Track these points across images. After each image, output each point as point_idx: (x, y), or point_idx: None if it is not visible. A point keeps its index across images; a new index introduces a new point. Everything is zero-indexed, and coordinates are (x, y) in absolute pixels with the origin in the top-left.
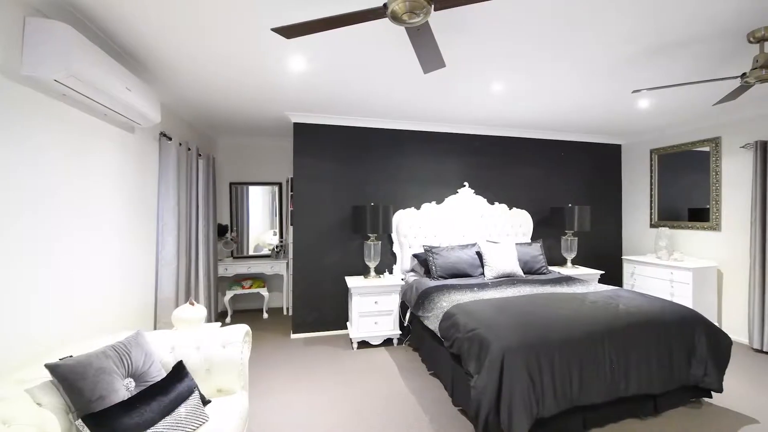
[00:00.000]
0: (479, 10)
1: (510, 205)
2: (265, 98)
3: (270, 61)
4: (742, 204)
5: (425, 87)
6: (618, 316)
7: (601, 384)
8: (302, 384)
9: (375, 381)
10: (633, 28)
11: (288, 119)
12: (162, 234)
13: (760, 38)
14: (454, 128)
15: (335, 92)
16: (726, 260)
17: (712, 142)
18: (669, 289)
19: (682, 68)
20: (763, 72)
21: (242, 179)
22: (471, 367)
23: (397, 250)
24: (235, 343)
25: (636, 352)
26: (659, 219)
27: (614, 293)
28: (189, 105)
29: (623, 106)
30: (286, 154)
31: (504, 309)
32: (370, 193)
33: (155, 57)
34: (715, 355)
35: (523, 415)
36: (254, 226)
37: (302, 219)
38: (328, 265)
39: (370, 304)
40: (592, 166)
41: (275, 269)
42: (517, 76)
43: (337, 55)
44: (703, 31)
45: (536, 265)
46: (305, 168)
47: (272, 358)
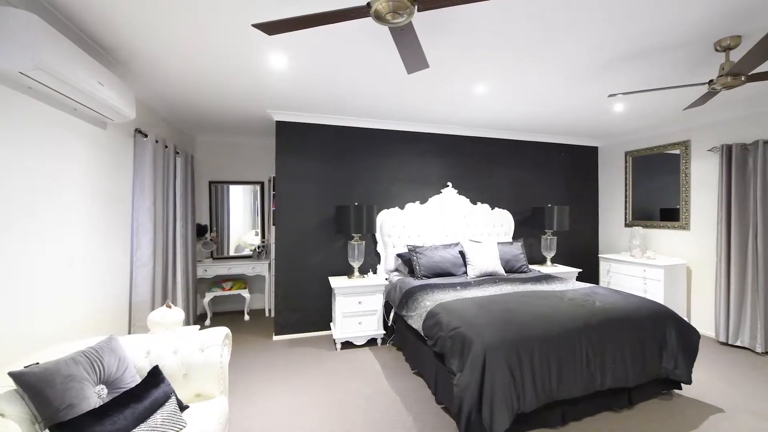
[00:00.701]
0: (461, 13)
1: (492, 205)
2: (247, 96)
3: (252, 58)
4: (710, 204)
5: (409, 87)
6: (594, 312)
7: (579, 379)
8: (284, 386)
9: (359, 381)
10: (608, 35)
11: (270, 117)
12: (137, 234)
13: (726, 47)
14: (437, 128)
15: (319, 91)
16: (694, 258)
17: (682, 145)
18: (642, 286)
19: (655, 74)
20: (728, 79)
21: (222, 178)
22: (454, 366)
23: (381, 250)
24: (214, 347)
25: (611, 347)
26: (633, 219)
27: (591, 290)
28: (166, 101)
29: (600, 110)
30: (268, 152)
31: (486, 307)
32: (354, 192)
33: (130, 51)
34: (685, 348)
35: (504, 411)
36: (235, 226)
37: (285, 219)
38: (312, 265)
39: (354, 305)
40: (570, 168)
41: (257, 270)
42: (498, 78)
43: (321, 54)
44: (673, 39)
45: (517, 264)
46: (288, 167)
47: (254, 360)
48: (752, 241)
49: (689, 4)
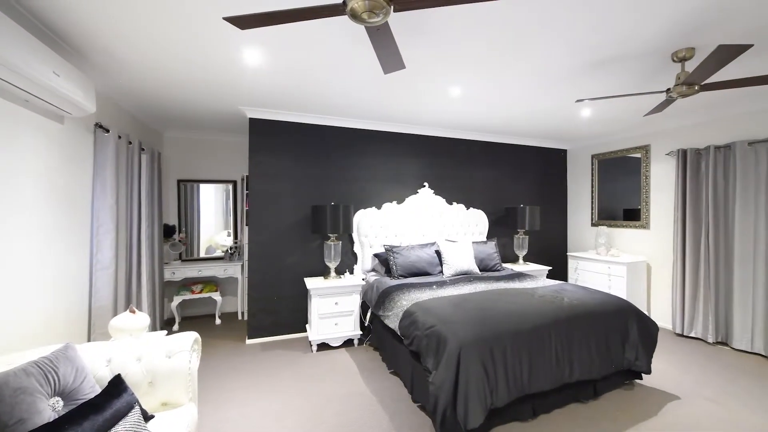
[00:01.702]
0: (437, 16)
1: (467, 205)
2: (218, 91)
3: (224, 53)
4: (667, 205)
5: (386, 87)
6: (563, 308)
7: (549, 373)
8: (258, 391)
9: (335, 383)
10: (575, 43)
11: (243, 114)
12: (97, 235)
13: (682, 58)
14: (414, 129)
15: (294, 89)
16: (654, 256)
17: (643, 150)
18: (607, 282)
19: (618, 81)
20: (683, 88)
21: (192, 176)
22: (429, 364)
23: (358, 250)
24: (182, 352)
25: (578, 341)
26: (599, 218)
27: (560, 287)
28: (131, 95)
29: (568, 114)
30: (241, 150)
31: (461, 306)
32: (331, 192)
33: (91, 41)
34: (645, 340)
35: (478, 406)
36: (206, 226)
37: (259, 219)
38: (287, 266)
39: (330, 305)
40: (541, 170)
41: (229, 272)
42: (472, 81)
43: (297, 51)
44: (635, 49)
45: (491, 263)
46: (262, 165)
47: (225, 365)
48: (704, 240)
49: (648, 16)
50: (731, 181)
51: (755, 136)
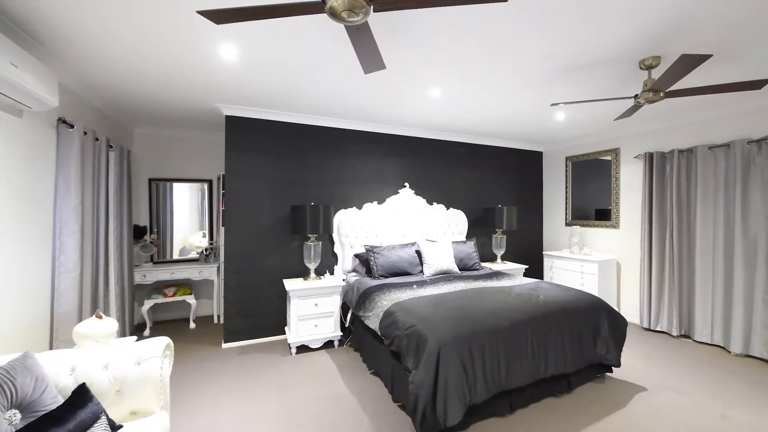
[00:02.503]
0: (418, 18)
1: (447, 205)
2: (193, 87)
3: (198, 47)
4: (636, 206)
5: (367, 87)
6: (538, 306)
7: (525, 368)
8: (234, 396)
9: (314, 385)
10: (550, 49)
11: (219, 111)
12: (60, 237)
13: (648, 66)
14: (395, 129)
15: (273, 86)
16: (623, 254)
17: (613, 152)
18: (580, 279)
19: (590, 87)
20: (650, 94)
21: (165, 175)
22: (409, 363)
23: (339, 251)
24: (152, 358)
25: (553, 337)
26: (572, 218)
27: (536, 285)
28: (98, 88)
29: (544, 118)
30: (217, 148)
31: (440, 305)
32: (311, 192)
33: (54, 32)
34: (615, 335)
35: (457, 404)
36: (180, 227)
37: (236, 219)
38: (265, 267)
39: (310, 307)
40: (518, 171)
41: (204, 274)
42: (451, 84)
43: (275, 48)
44: (606, 56)
45: (470, 262)
46: (239, 164)
47: (200, 371)
48: (669, 238)
49: (617, 26)
50: (693, 183)
51: (714, 141)
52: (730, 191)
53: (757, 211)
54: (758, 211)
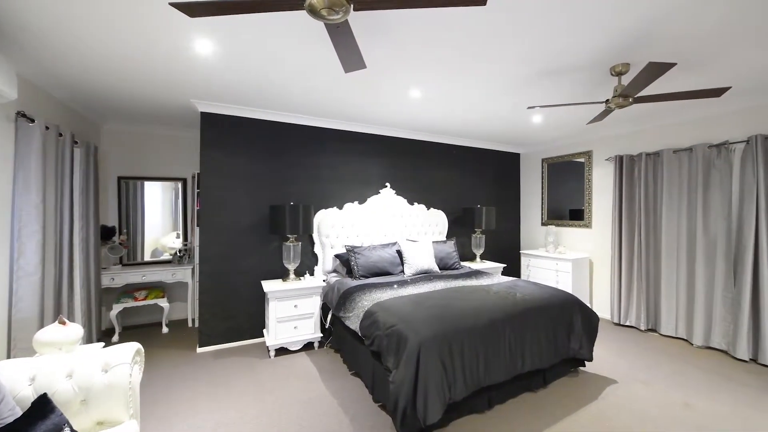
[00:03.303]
0: (399, 19)
1: (428, 205)
2: (166, 82)
3: (172, 41)
4: (607, 206)
5: (348, 87)
6: (516, 303)
7: (503, 365)
8: (210, 402)
9: (294, 388)
10: (527, 53)
11: (194, 108)
12: (20, 238)
13: (619, 72)
14: (376, 129)
15: (251, 83)
16: (596, 252)
17: (586, 155)
18: (555, 277)
19: (565, 91)
20: (620, 100)
21: (136, 173)
22: (390, 363)
23: (319, 251)
24: (121, 365)
25: (530, 333)
26: (548, 218)
27: (513, 284)
28: (62, 81)
29: (521, 120)
30: (191, 146)
31: (421, 304)
32: (290, 192)
33: (12, 20)
34: (588, 330)
35: (437, 402)
36: (152, 227)
37: (212, 219)
38: (243, 269)
39: (289, 309)
40: (497, 172)
41: (178, 276)
42: (432, 84)
43: (253, 44)
44: (580, 62)
45: (450, 261)
46: (215, 163)
47: (174, 376)
48: (637, 237)
49: (589, 33)
50: (659, 185)
51: (679, 145)
52: (693, 193)
53: (716, 212)
54: (717, 212)
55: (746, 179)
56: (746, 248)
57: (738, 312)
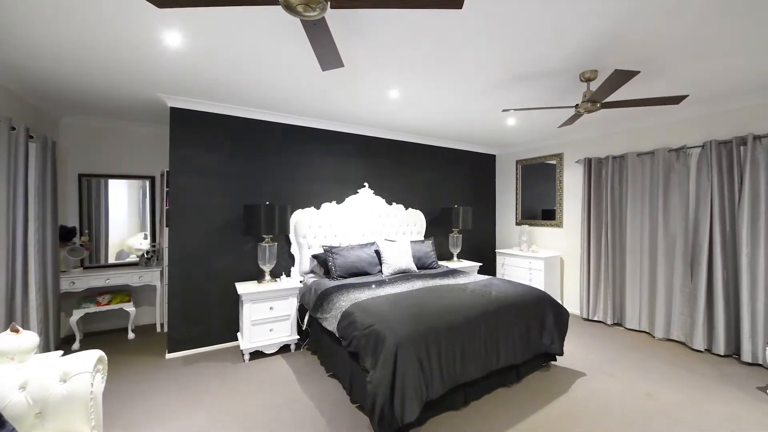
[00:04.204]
0: (378, 19)
1: (406, 205)
2: (132, 75)
3: (139, 32)
4: (577, 206)
5: (326, 85)
6: (490, 301)
7: (479, 361)
8: (180, 409)
9: (269, 392)
10: (502, 58)
11: (163, 102)
12: None
13: (587, 78)
14: (355, 129)
15: (224, 78)
16: (566, 251)
17: (558, 157)
18: (528, 275)
19: (538, 95)
20: (588, 105)
21: (99, 171)
22: (368, 363)
23: (296, 252)
24: (81, 374)
25: (504, 330)
26: (522, 218)
27: (488, 282)
28: (14, 70)
29: (496, 122)
30: (160, 142)
31: (398, 303)
32: (266, 191)
33: None
34: (559, 326)
35: (414, 400)
36: (117, 228)
37: (182, 219)
38: (216, 271)
39: (265, 311)
40: (474, 172)
41: (145, 279)
42: (410, 85)
43: (227, 38)
44: (552, 68)
45: (428, 261)
46: (186, 160)
47: (141, 384)
48: (604, 236)
49: (560, 40)
50: (624, 187)
51: (642, 149)
52: (654, 194)
53: (675, 212)
54: (676, 213)
55: (702, 182)
56: (701, 247)
57: (694, 306)
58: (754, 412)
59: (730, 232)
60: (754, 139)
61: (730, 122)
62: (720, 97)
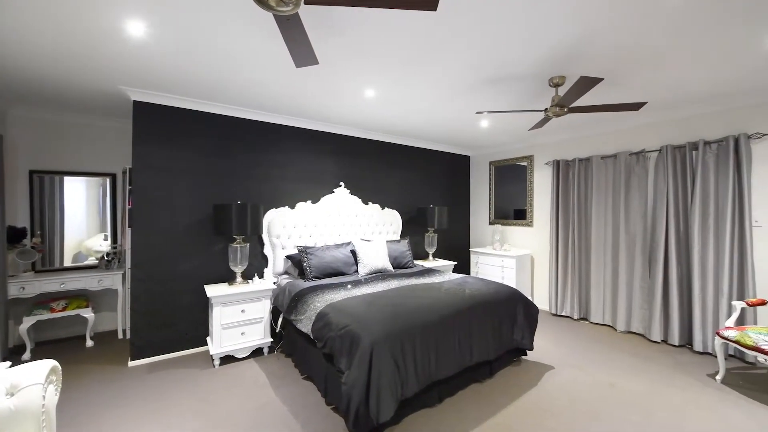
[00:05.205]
0: (353, 17)
1: (383, 205)
2: (89, 65)
3: (98, 18)
4: (546, 206)
5: (300, 82)
6: (464, 299)
7: (453, 358)
8: (143, 420)
9: (241, 397)
10: (476, 61)
11: (125, 95)
12: None
13: (556, 84)
14: (331, 128)
15: (192, 72)
16: (537, 249)
17: (528, 159)
18: (501, 273)
19: (510, 99)
20: (557, 109)
21: (53, 167)
22: (342, 364)
23: (269, 252)
24: (31, 387)
25: (477, 327)
26: (495, 218)
27: (462, 280)
28: None
29: (470, 124)
30: (123, 138)
31: (374, 303)
32: (238, 190)
33: None
34: (529, 321)
35: (390, 399)
36: (74, 228)
37: (146, 219)
38: (183, 273)
39: (236, 314)
40: (449, 173)
41: (105, 283)
42: (386, 85)
43: (195, 30)
44: (523, 72)
45: (404, 260)
46: (151, 157)
47: (100, 395)
48: (571, 235)
49: (530, 46)
50: (590, 188)
51: (606, 152)
52: (617, 195)
53: (635, 212)
54: (636, 212)
55: (659, 184)
56: (658, 244)
57: (652, 300)
58: (705, 397)
59: (684, 231)
60: (704, 144)
61: (684, 128)
62: (674, 105)
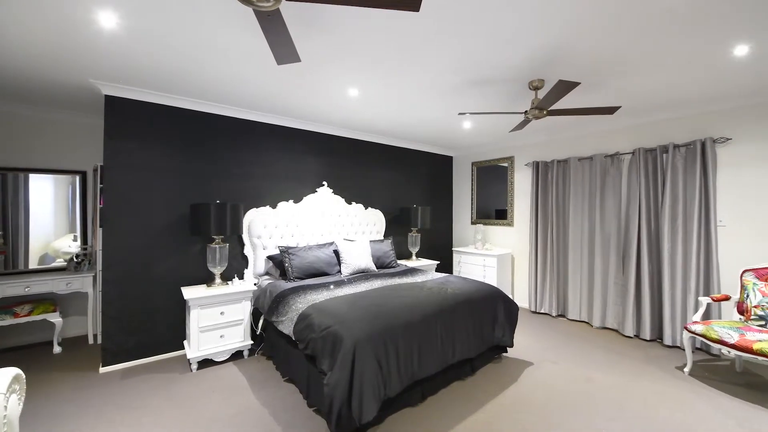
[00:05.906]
0: (335, 15)
1: (366, 205)
2: (56, 56)
3: (64, 7)
4: (526, 207)
5: (282, 80)
6: (446, 298)
7: (435, 357)
8: (116, 428)
9: (219, 402)
10: (456, 64)
11: (96, 90)
12: None
13: (535, 87)
14: (314, 127)
15: (168, 66)
16: (517, 248)
17: (509, 160)
18: (482, 272)
19: (491, 100)
20: (536, 111)
21: (17, 163)
22: (325, 365)
23: (249, 253)
24: None
25: (459, 325)
26: (477, 218)
27: (445, 279)
28: None
29: (453, 125)
30: (93, 134)
31: (356, 303)
32: (216, 189)
33: None
34: (509, 319)
35: (372, 399)
36: (40, 229)
37: (118, 219)
38: (158, 275)
39: (215, 316)
40: (432, 173)
41: (75, 286)
42: (369, 84)
43: (171, 22)
44: (504, 75)
45: (387, 260)
46: (123, 154)
47: (69, 404)
48: (550, 234)
49: (510, 50)
50: (567, 188)
51: (582, 154)
52: (593, 195)
53: (610, 212)
54: (611, 212)
55: (632, 185)
56: (631, 243)
57: (625, 296)
58: (674, 389)
59: (655, 230)
60: (674, 147)
61: (655, 132)
62: (646, 110)
